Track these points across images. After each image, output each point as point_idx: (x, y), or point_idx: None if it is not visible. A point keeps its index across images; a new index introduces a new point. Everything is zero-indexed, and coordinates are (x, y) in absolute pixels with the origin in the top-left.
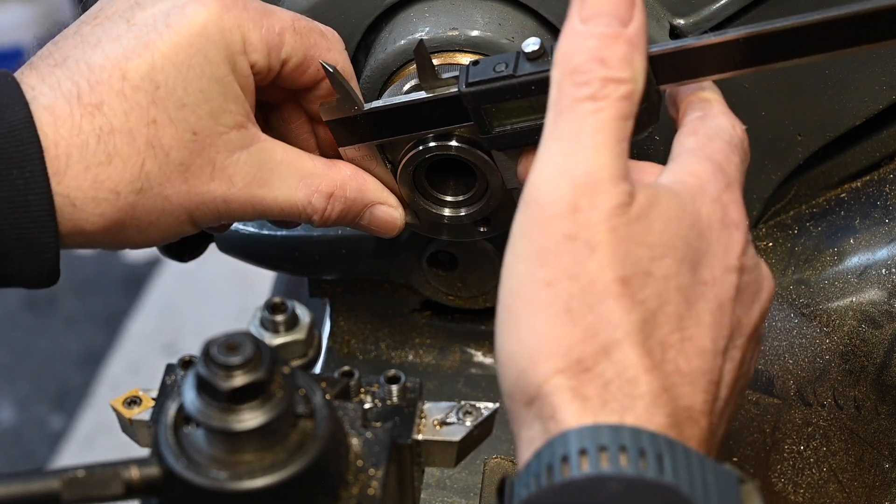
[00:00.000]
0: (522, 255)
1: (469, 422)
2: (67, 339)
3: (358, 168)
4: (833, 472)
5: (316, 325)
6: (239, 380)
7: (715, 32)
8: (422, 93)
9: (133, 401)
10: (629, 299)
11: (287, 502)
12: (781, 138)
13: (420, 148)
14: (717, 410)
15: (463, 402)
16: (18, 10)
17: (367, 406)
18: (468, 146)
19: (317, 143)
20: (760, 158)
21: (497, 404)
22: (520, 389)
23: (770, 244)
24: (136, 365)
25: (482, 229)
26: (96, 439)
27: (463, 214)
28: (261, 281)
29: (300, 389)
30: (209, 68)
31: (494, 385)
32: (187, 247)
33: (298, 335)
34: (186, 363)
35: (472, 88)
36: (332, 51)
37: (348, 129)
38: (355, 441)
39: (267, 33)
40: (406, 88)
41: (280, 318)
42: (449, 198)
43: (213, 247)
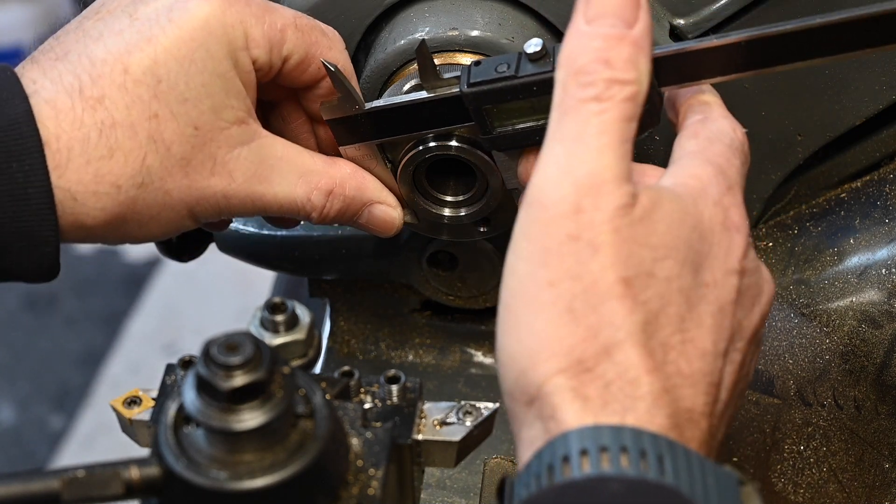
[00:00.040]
0: (525, 256)
1: (469, 422)
2: (67, 339)
3: (358, 167)
4: (833, 472)
5: (316, 325)
6: (239, 380)
7: (717, 35)
8: (423, 93)
9: (133, 401)
10: (631, 300)
11: (287, 502)
12: (781, 138)
13: (420, 148)
14: (718, 412)
15: (463, 402)
16: (18, 10)
17: (367, 406)
18: (468, 146)
19: (316, 143)
20: (760, 159)
21: (497, 404)
22: (520, 389)
23: (770, 244)
24: (136, 365)
25: (482, 229)
26: (96, 439)
27: (463, 214)
28: (261, 281)
29: (300, 389)
30: (211, 63)
31: (494, 385)
32: (187, 247)
33: (298, 335)
34: (186, 363)
35: (474, 89)
36: (333, 49)
37: (349, 129)
38: (355, 441)
39: (269, 30)
40: (406, 88)
41: (280, 318)
42: (449, 198)
43: (213, 247)
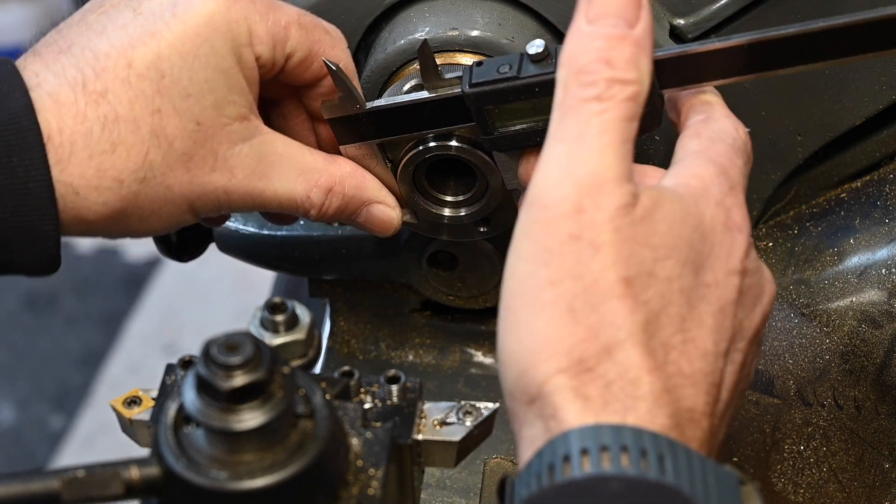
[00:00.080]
0: (526, 255)
1: (469, 422)
2: (67, 339)
3: (357, 165)
4: (833, 472)
5: (316, 325)
6: (239, 380)
7: (719, 38)
8: (424, 93)
9: (133, 401)
10: (632, 300)
11: (287, 502)
12: (781, 138)
13: (420, 148)
14: (719, 412)
15: (463, 402)
16: (18, 10)
17: (367, 406)
18: (468, 146)
19: (317, 141)
20: (760, 158)
21: (497, 404)
22: (521, 389)
23: (770, 244)
24: (136, 365)
25: (482, 229)
26: (96, 439)
27: (463, 214)
28: (261, 281)
29: (300, 389)
30: (215, 59)
31: (494, 385)
32: (187, 247)
33: (298, 335)
34: (186, 363)
35: (476, 89)
36: (336, 48)
37: (349, 128)
38: (355, 441)
39: (273, 26)
40: (406, 88)
41: (280, 318)
42: (449, 198)
43: (213, 247)
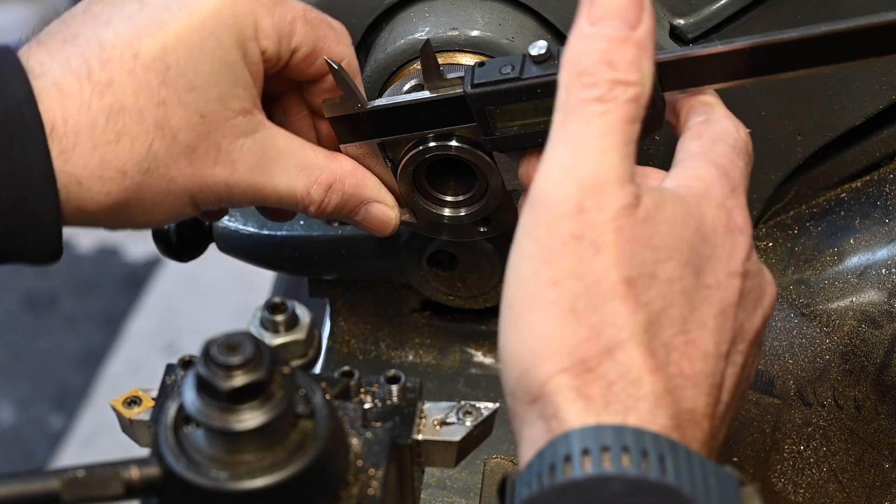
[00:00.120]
0: (527, 255)
1: (469, 422)
2: (67, 339)
3: (358, 164)
4: (833, 472)
5: (316, 325)
6: (239, 380)
7: (721, 41)
8: (425, 93)
9: (133, 401)
10: (634, 300)
11: (287, 502)
12: (781, 138)
13: (420, 148)
14: (719, 414)
15: (463, 402)
16: (19, 10)
17: (367, 406)
18: (468, 146)
19: (317, 137)
20: (760, 158)
21: (497, 404)
22: (523, 388)
23: (770, 244)
24: (136, 365)
25: (482, 229)
26: (96, 439)
27: (463, 214)
28: (261, 281)
29: (300, 389)
30: (220, 52)
31: (494, 385)
32: (187, 247)
33: (298, 335)
34: (186, 363)
35: (478, 90)
36: (341, 44)
37: (351, 127)
38: (355, 441)
39: (279, 21)
40: (406, 88)
41: (280, 318)
42: (449, 198)
43: (213, 247)
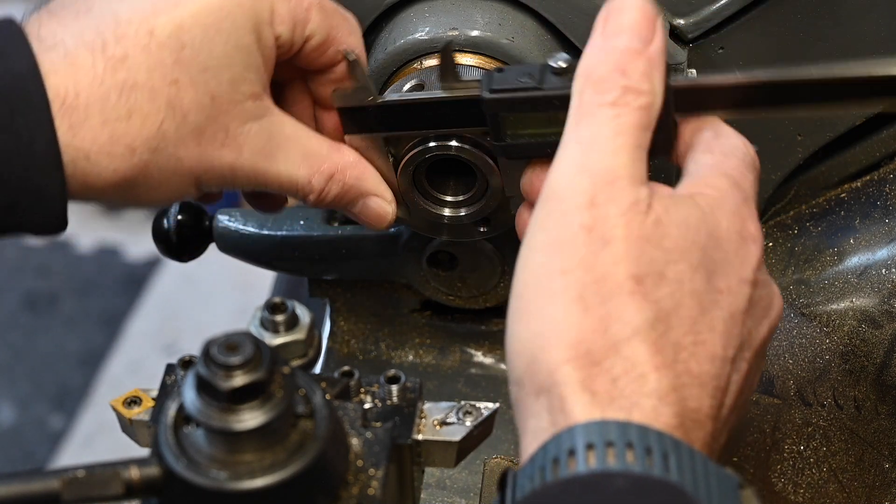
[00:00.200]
0: (539, 247)
1: (469, 422)
2: (67, 339)
3: (360, 156)
4: (833, 472)
5: (316, 325)
6: (239, 380)
7: (738, 72)
8: (439, 91)
9: (133, 401)
10: (641, 297)
11: (287, 502)
12: (781, 138)
13: (420, 148)
14: (722, 417)
15: (463, 402)
16: (19, 10)
17: (367, 406)
18: (468, 146)
19: (317, 127)
20: (760, 158)
21: (497, 404)
22: (530, 377)
23: (770, 244)
24: (136, 365)
25: (482, 229)
26: (96, 439)
27: (463, 214)
28: (261, 281)
29: (300, 389)
30: (235, 34)
31: (494, 385)
32: (187, 247)
33: (298, 335)
34: (186, 363)
35: (496, 95)
36: (353, 35)
37: (358, 119)
38: (355, 441)
39: (295, 7)
40: (406, 88)
41: (280, 318)
42: (449, 198)
43: (213, 247)
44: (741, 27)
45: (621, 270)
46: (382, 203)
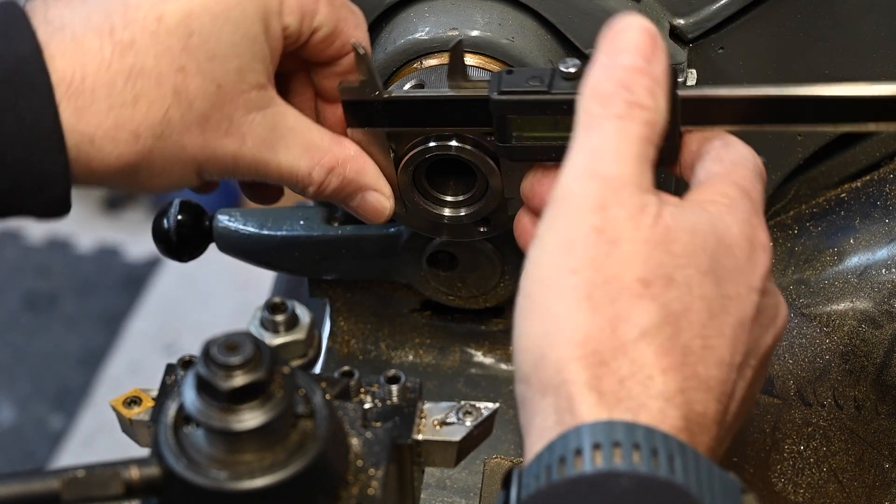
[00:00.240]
0: (549, 247)
1: (469, 422)
2: (67, 339)
3: (361, 150)
4: (833, 472)
5: (316, 325)
6: (239, 380)
7: (749, 86)
8: (446, 89)
9: (133, 401)
10: (649, 300)
11: (287, 502)
12: (781, 138)
13: (420, 148)
14: (727, 423)
15: (463, 402)
16: None
17: (367, 406)
18: (468, 146)
19: (318, 119)
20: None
21: (497, 404)
22: (537, 374)
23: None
24: (136, 365)
25: (482, 229)
26: (96, 439)
27: (463, 214)
28: (261, 281)
29: (300, 389)
30: (244, 23)
31: (494, 385)
32: (187, 247)
33: (298, 335)
34: (186, 363)
35: (505, 97)
36: (359, 29)
37: (363, 113)
38: (355, 441)
39: None
40: (406, 88)
41: (280, 318)
42: (449, 198)
43: (213, 247)
44: (741, 27)
45: (629, 273)
46: (381, 198)
